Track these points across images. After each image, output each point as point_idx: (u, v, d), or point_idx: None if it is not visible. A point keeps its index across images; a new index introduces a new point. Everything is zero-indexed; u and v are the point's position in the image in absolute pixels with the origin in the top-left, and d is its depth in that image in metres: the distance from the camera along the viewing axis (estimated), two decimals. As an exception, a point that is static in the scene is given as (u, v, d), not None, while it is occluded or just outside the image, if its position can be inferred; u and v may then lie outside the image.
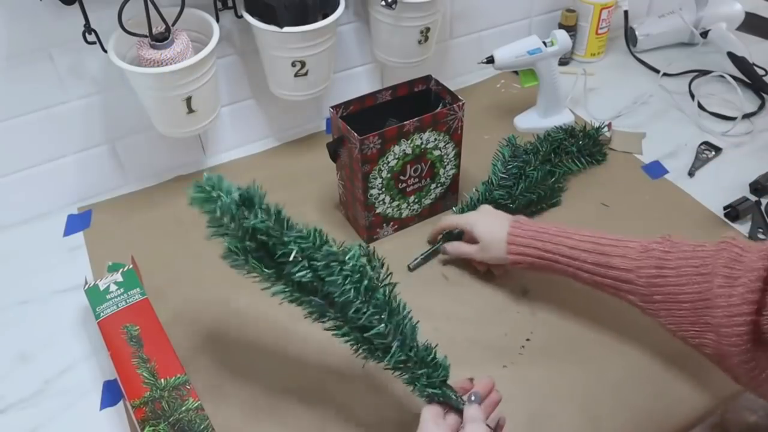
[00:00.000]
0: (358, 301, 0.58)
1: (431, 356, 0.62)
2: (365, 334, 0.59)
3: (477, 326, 0.81)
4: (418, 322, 0.62)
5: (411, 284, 0.86)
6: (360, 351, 0.61)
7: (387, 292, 0.60)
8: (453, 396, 0.61)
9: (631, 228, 0.93)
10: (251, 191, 0.55)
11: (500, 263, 0.82)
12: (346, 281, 0.57)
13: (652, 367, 0.75)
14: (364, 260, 0.59)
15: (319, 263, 0.56)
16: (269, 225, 0.54)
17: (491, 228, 0.81)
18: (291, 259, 0.55)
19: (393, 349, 0.60)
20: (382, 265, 0.62)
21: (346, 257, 0.58)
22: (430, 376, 0.61)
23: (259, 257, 0.56)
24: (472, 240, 0.83)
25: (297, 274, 0.56)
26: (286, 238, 0.55)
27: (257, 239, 0.55)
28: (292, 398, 0.74)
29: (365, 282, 0.58)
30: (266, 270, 0.56)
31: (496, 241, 0.79)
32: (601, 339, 0.79)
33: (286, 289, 0.58)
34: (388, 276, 0.62)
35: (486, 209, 0.86)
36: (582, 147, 1.04)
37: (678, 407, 0.71)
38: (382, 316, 0.59)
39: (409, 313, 0.62)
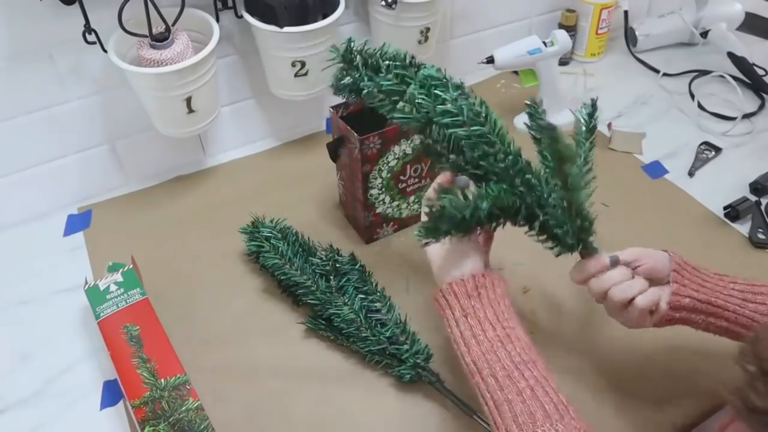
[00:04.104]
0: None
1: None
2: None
3: (477, 326, 0.81)
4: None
5: (411, 284, 0.86)
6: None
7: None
8: None
9: (631, 228, 0.94)
10: None
11: (652, 278, 0.65)
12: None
13: (652, 366, 0.75)
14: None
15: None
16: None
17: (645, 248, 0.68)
18: None
19: None
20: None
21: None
22: None
23: None
24: None
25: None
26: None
27: None
28: (292, 398, 0.74)
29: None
30: None
31: (659, 254, 0.66)
32: (601, 339, 0.79)
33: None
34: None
35: None
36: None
37: (679, 406, 0.71)
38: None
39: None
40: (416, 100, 0.63)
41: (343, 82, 0.68)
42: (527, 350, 0.57)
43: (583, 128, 0.68)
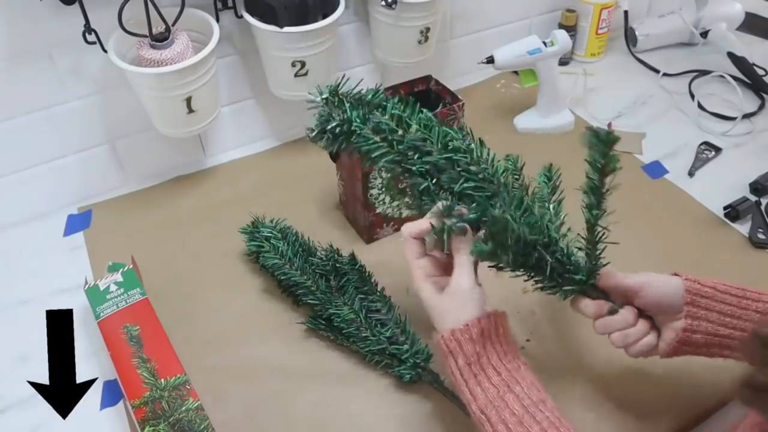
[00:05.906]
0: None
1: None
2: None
3: (477, 326, 0.81)
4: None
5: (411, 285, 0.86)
6: None
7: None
8: None
9: (631, 228, 0.94)
10: None
11: (662, 309, 0.62)
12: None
13: (652, 367, 0.75)
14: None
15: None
16: None
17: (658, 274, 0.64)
18: None
19: None
20: None
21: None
22: None
23: None
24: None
25: None
26: None
27: None
28: (292, 398, 0.74)
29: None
30: None
31: (669, 281, 0.62)
32: (599, 341, 0.78)
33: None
34: None
35: None
36: None
37: (678, 407, 0.72)
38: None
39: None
40: (419, 142, 0.59)
41: (331, 123, 0.63)
42: (535, 389, 0.55)
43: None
